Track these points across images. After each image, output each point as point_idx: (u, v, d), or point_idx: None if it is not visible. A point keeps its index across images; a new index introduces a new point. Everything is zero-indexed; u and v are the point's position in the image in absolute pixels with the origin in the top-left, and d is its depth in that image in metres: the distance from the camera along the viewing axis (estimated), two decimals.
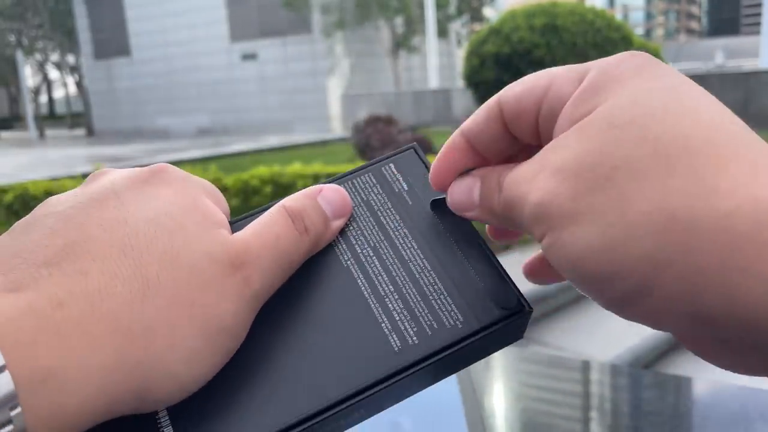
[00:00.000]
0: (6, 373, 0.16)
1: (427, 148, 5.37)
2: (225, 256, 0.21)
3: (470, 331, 0.22)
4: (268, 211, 0.23)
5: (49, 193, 3.88)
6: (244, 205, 3.66)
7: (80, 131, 23.89)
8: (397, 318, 0.23)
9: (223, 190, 3.66)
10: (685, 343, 0.20)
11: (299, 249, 0.23)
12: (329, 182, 0.26)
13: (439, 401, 0.34)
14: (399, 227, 0.25)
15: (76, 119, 29.02)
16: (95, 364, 0.18)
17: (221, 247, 0.21)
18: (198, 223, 0.21)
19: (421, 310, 0.23)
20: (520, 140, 0.23)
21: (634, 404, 0.39)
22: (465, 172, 0.24)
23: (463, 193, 0.24)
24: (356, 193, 0.26)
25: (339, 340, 0.22)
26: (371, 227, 0.25)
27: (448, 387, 0.35)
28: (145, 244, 0.20)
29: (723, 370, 0.20)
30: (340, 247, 0.25)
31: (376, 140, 6.04)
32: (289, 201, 0.24)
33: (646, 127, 0.18)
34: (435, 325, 0.22)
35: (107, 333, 0.18)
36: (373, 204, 0.26)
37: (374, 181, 0.26)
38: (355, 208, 0.26)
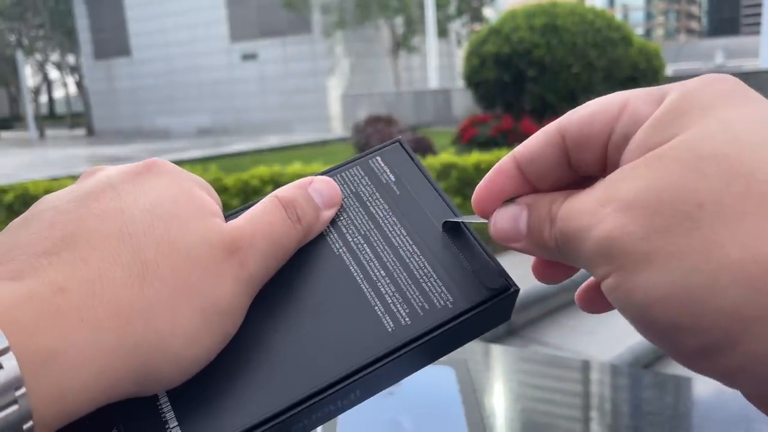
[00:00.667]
0: (10, 354, 0.16)
1: (428, 148, 5.37)
2: (220, 241, 0.21)
3: (460, 310, 0.23)
4: (262, 201, 0.24)
5: (49, 193, 3.88)
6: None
7: (80, 131, 23.88)
8: (390, 301, 0.23)
9: (224, 189, 3.66)
10: (756, 403, 0.18)
11: (291, 236, 0.23)
12: (320, 175, 0.27)
13: (439, 401, 0.34)
14: (388, 215, 0.26)
15: (76, 119, 29.01)
16: (96, 345, 0.18)
17: (216, 233, 0.22)
18: (192, 212, 0.22)
19: (412, 293, 0.23)
20: (580, 171, 0.22)
21: (634, 404, 0.39)
22: (510, 200, 0.23)
23: (507, 221, 0.22)
24: (346, 185, 0.27)
25: (333, 323, 0.23)
26: (361, 217, 0.26)
27: (448, 387, 0.36)
28: (143, 231, 0.20)
29: None
30: (331, 236, 0.25)
31: (376, 140, 6.04)
32: (281, 191, 0.24)
33: (739, 161, 0.16)
34: (426, 306, 0.23)
35: (108, 316, 0.18)
36: (362, 195, 0.27)
37: (362, 173, 0.27)
38: (345, 199, 0.26)
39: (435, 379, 0.37)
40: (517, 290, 0.24)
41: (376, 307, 0.23)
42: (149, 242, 0.20)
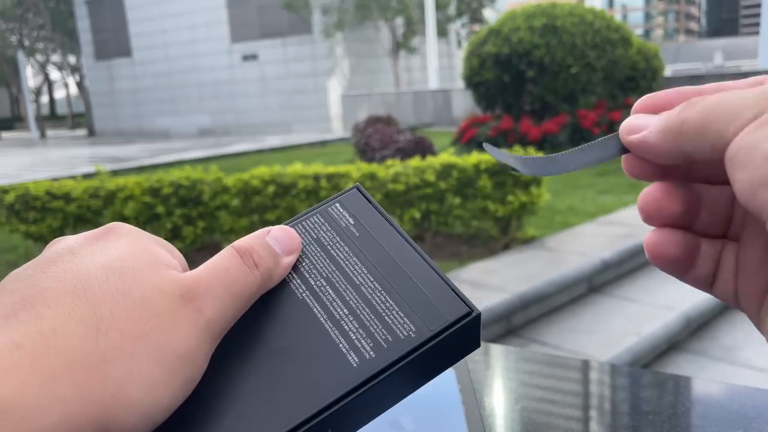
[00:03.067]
0: None
1: (428, 148, 5.37)
2: (176, 289, 0.22)
3: (423, 339, 0.23)
4: (220, 252, 0.25)
5: (49, 193, 3.88)
6: (245, 205, 3.66)
7: (81, 132, 23.89)
8: (353, 337, 0.24)
9: (224, 190, 3.66)
10: None
11: (249, 281, 0.24)
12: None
13: (439, 401, 0.34)
14: (349, 257, 0.27)
15: (77, 120, 29.03)
16: (52, 395, 0.18)
17: (171, 282, 0.22)
18: (148, 264, 0.22)
19: (375, 327, 0.24)
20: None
21: (634, 404, 0.39)
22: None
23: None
24: (307, 233, 0.28)
25: (300, 365, 0.23)
26: (323, 261, 0.27)
27: (448, 387, 0.36)
28: (98, 285, 0.21)
29: (724, 371, 0.19)
30: (295, 282, 0.26)
31: (376, 140, 6.04)
32: (238, 242, 0.25)
33: None
34: (390, 338, 0.24)
35: (63, 367, 0.19)
36: (323, 240, 0.28)
37: (322, 220, 0.29)
38: (307, 246, 0.28)
39: (435, 379, 0.37)
40: (479, 314, 0.24)
41: (340, 345, 0.24)
42: (104, 295, 0.21)
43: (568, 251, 3.41)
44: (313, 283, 0.26)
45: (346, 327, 0.24)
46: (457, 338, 0.24)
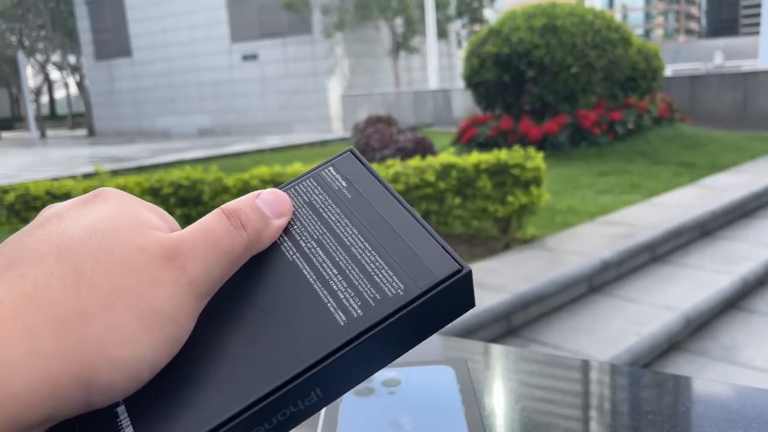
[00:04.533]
0: None
1: (428, 148, 5.37)
2: (158, 248, 0.22)
3: (412, 296, 0.23)
4: (208, 214, 0.25)
5: (49, 193, 3.88)
6: None
7: (81, 131, 23.89)
8: (342, 296, 0.24)
9: (224, 190, 3.66)
10: None
11: (235, 242, 0.23)
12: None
13: (439, 401, 0.34)
14: (340, 218, 0.27)
15: (77, 120, 29.03)
16: (33, 348, 0.19)
17: (153, 242, 0.22)
18: (132, 225, 0.22)
19: (364, 286, 0.24)
20: None
21: (633, 404, 0.39)
22: None
23: None
24: (299, 197, 0.28)
25: (288, 324, 0.23)
26: (314, 223, 0.27)
27: (448, 387, 0.36)
28: (80, 245, 0.21)
29: (724, 371, 0.19)
30: (286, 244, 0.26)
31: (376, 140, 6.04)
32: (226, 204, 0.25)
33: None
34: (378, 297, 0.23)
35: (44, 322, 0.19)
36: (315, 203, 0.28)
37: (315, 183, 0.29)
38: (299, 209, 0.28)
39: (435, 379, 0.37)
40: (469, 271, 0.24)
41: (328, 304, 0.24)
42: (86, 254, 0.21)
43: (568, 251, 3.41)
44: (303, 245, 0.26)
45: (334, 287, 0.24)
46: (448, 297, 0.24)
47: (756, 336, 2.73)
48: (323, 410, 0.34)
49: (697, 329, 2.80)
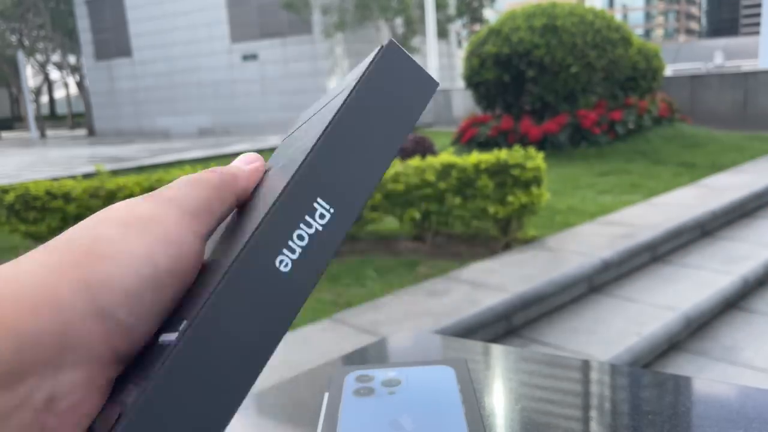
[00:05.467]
0: None
1: (428, 148, 5.37)
2: (156, 193, 0.25)
3: (355, 84, 0.23)
4: None
5: (49, 193, 3.88)
6: None
7: (81, 131, 23.89)
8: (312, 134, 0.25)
9: None
10: None
11: (207, 175, 0.26)
12: None
13: (439, 401, 0.34)
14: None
15: (77, 120, 29.04)
16: (38, 251, 0.21)
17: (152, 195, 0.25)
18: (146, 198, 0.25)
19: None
20: None
21: (634, 404, 0.39)
22: None
23: None
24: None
25: (280, 173, 0.25)
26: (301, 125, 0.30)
27: (448, 387, 0.36)
28: (104, 214, 0.25)
29: (724, 371, 0.19)
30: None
31: None
32: None
33: None
34: (337, 103, 0.24)
35: (56, 243, 0.22)
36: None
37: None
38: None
39: (435, 379, 0.37)
40: (393, 41, 0.24)
41: (309, 145, 0.23)
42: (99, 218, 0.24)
43: (569, 251, 3.41)
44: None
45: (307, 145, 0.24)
46: (390, 69, 0.23)
47: (756, 336, 2.73)
48: (323, 410, 0.34)
49: (697, 329, 2.80)
